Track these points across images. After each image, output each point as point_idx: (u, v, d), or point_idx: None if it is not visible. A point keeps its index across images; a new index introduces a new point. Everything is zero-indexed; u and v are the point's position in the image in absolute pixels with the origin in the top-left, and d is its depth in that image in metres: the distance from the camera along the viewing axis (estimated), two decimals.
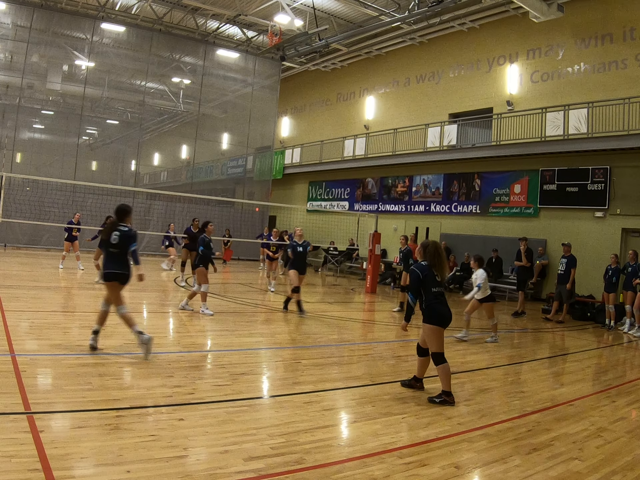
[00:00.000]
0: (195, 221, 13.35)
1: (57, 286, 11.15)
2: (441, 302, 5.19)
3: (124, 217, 6.07)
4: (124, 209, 6.12)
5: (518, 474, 3.58)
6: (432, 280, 5.17)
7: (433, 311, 5.13)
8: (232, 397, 4.71)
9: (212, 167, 26.50)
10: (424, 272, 5.17)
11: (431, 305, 5.14)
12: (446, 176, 18.65)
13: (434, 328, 5.10)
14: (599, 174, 14.14)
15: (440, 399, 5.03)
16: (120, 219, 6.04)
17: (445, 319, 5.17)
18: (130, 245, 5.91)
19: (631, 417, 5.11)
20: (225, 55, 23.82)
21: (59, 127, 22.96)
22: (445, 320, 5.16)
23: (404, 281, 11.49)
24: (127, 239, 5.91)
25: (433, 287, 5.16)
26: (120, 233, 5.93)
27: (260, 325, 8.95)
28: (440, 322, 5.13)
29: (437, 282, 5.21)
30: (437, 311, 5.13)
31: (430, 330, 5.12)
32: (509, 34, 17.19)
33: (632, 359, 8.55)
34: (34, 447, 3.29)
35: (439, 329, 5.12)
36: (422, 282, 5.16)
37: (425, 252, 5.30)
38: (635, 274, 10.71)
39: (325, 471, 3.39)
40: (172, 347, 6.55)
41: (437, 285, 5.21)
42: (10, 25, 19.95)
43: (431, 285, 5.15)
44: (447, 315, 5.19)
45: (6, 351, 5.47)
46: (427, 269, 5.19)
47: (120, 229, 5.96)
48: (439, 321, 5.12)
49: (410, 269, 5.34)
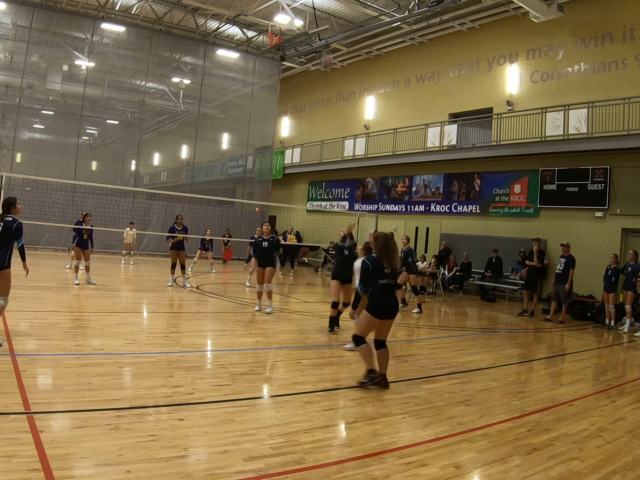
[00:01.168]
0: (179, 219, 12.19)
1: (57, 286, 11.14)
2: (386, 293, 5.35)
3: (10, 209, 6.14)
4: (9, 200, 6.22)
5: (518, 474, 3.58)
6: (380, 272, 5.34)
7: (375, 301, 5.33)
8: (232, 397, 4.71)
9: (212, 167, 26.50)
10: (373, 264, 5.36)
11: (375, 296, 5.34)
12: (446, 176, 18.65)
13: (369, 317, 5.32)
14: (599, 174, 14.14)
15: (366, 379, 5.31)
16: (7, 211, 6.09)
17: (384, 310, 5.32)
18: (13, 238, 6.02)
19: (631, 417, 5.11)
20: (225, 55, 23.82)
21: (59, 127, 22.97)
22: (383, 312, 5.31)
23: (403, 280, 11.47)
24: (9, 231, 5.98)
25: (380, 279, 5.34)
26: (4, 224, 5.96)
27: (260, 325, 8.95)
28: (378, 313, 5.30)
29: (385, 274, 5.37)
30: (378, 302, 5.31)
31: (366, 317, 5.34)
32: (509, 34, 17.19)
33: (632, 359, 8.55)
34: (34, 447, 3.29)
35: (374, 319, 5.31)
36: (370, 273, 5.33)
37: (375, 245, 5.52)
38: (635, 274, 10.71)
39: (325, 471, 3.39)
40: (172, 347, 6.54)
41: (385, 277, 5.37)
42: (10, 25, 19.96)
43: (378, 277, 5.33)
44: (387, 307, 5.34)
45: (6, 351, 5.46)
46: (377, 261, 5.38)
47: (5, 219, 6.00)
48: (376, 312, 5.31)
49: (362, 261, 5.53)
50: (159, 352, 6.18)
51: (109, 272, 14.69)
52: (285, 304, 12.07)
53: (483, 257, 16.14)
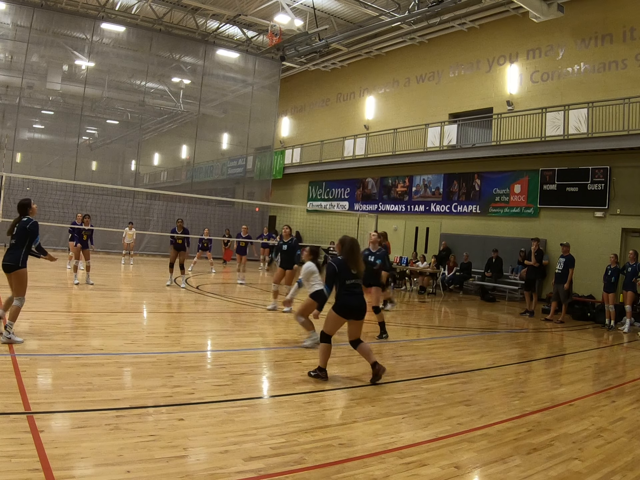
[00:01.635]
0: (179, 222, 12.32)
1: (57, 286, 11.14)
2: (352, 293, 5.55)
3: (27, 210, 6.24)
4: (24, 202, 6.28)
5: (518, 474, 3.58)
6: (347, 273, 5.56)
7: (340, 301, 5.55)
8: (232, 397, 4.71)
9: (212, 167, 26.50)
10: (339, 265, 5.57)
11: (341, 296, 5.55)
12: (446, 176, 18.66)
13: (335, 315, 5.54)
14: (599, 174, 14.14)
15: (315, 373, 5.57)
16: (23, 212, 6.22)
17: (350, 310, 5.53)
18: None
19: (631, 417, 5.11)
20: (225, 55, 23.82)
21: (59, 127, 22.96)
22: (347, 312, 5.52)
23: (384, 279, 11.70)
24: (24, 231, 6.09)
25: (347, 279, 5.55)
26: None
27: (260, 325, 8.95)
28: (342, 312, 5.52)
29: (351, 275, 5.58)
30: (344, 303, 5.53)
31: (332, 316, 5.56)
32: (509, 34, 17.19)
33: (632, 359, 8.55)
34: (34, 447, 3.29)
35: (340, 318, 5.54)
36: (337, 274, 5.55)
37: (341, 248, 5.73)
38: (636, 274, 10.71)
39: (325, 471, 3.39)
40: (172, 347, 6.54)
41: (352, 278, 5.58)
42: (10, 25, 19.97)
43: (345, 278, 5.54)
44: (352, 307, 5.53)
45: (6, 351, 5.47)
46: (343, 263, 5.59)
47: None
48: (341, 311, 5.52)
49: (328, 263, 5.73)
50: (159, 352, 6.18)
51: (109, 272, 14.69)
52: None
53: (483, 257, 16.14)
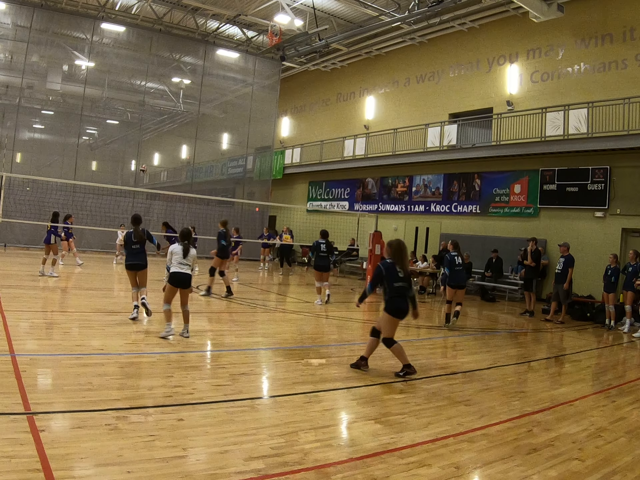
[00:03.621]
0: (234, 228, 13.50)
1: (57, 286, 11.14)
2: (401, 295, 5.79)
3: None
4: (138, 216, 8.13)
5: (518, 474, 3.58)
6: (395, 276, 5.78)
7: (394, 304, 5.79)
8: (232, 397, 4.71)
9: (212, 167, 26.50)
10: (387, 268, 5.80)
11: (392, 299, 5.80)
12: (446, 176, 18.65)
13: (390, 318, 5.80)
14: (599, 174, 14.14)
15: (403, 372, 5.77)
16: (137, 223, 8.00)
17: (403, 312, 5.82)
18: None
19: (631, 417, 5.10)
20: (225, 55, 23.82)
21: (59, 127, 22.95)
22: (401, 313, 5.82)
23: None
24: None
25: (395, 282, 5.78)
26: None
27: (260, 325, 8.95)
28: (398, 314, 5.80)
29: (399, 278, 5.80)
30: (398, 305, 5.79)
31: (388, 318, 5.81)
32: (509, 34, 17.19)
33: (632, 359, 8.55)
34: (34, 447, 3.29)
35: (396, 320, 5.82)
36: (383, 277, 5.79)
37: (390, 251, 5.93)
38: (636, 274, 10.70)
39: (325, 471, 3.39)
40: (172, 347, 6.54)
41: (400, 280, 5.81)
42: (10, 25, 19.96)
43: (393, 281, 5.77)
44: (405, 310, 5.83)
45: (6, 351, 5.46)
46: (391, 265, 5.81)
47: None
48: (397, 314, 5.79)
49: (376, 265, 6.05)
50: (159, 352, 6.18)
51: (109, 272, 14.68)
52: (285, 304, 12.08)
53: (483, 257, 16.12)
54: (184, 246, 6.98)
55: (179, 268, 6.91)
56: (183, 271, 6.90)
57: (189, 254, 6.96)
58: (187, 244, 7.02)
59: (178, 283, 6.88)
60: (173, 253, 7.02)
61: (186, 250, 6.96)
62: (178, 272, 6.87)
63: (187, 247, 6.99)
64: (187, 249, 6.97)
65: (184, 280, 6.92)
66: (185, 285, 6.95)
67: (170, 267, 7.09)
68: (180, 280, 6.88)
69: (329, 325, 9.39)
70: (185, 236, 7.14)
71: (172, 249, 7.10)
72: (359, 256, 20.15)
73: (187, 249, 6.97)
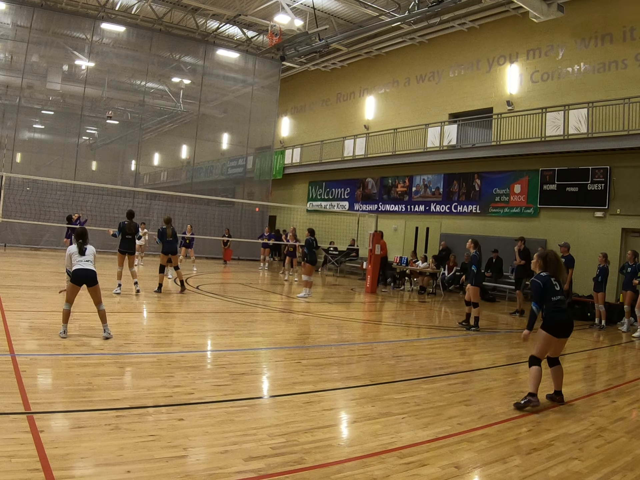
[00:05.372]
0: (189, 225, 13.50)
1: (57, 286, 11.12)
2: (559, 309, 5.23)
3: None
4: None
5: (518, 474, 3.58)
6: (552, 290, 5.25)
7: (552, 320, 5.20)
8: (232, 397, 4.71)
9: (212, 167, 26.50)
10: (545, 282, 5.25)
11: (550, 314, 5.23)
12: (446, 176, 18.65)
13: (547, 335, 5.21)
14: (599, 174, 14.13)
15: (525, 400, 5.06)
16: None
17: (563, 328, 5.22)
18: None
19: (631, 417, 5.11)
20: (225, 55, 23.82)
21: (59, 127, 22.96)
22: (560, 330, 5.21)
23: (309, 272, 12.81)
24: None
25: (552, 296, 5.23)
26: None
27: (260, 325, 8.95)
28: (556, 332, 5.20)
29: (556, 291, 5.26)
30: (557, 321, 5.20)
31: (544, 336, 5.22)
32: (509, 34, 17.19)
33: (631, 359, 8.55)
34: (34, 447, 3.29)
35: (552, 338, 5.20)
36: (544, 291, 5.23)
37: (546, 263, 5.38)
38: (635, 274, 10.71)
39: (325, 471, 3.39)
40: (172, 347, 6.54)
41: (557, 294, 5.26)
42: (10, 25, 19.96)
43: (551, 295, 5.23)
44: (564, 325, 5.22)
45: (6, 351, 5.46)
46: (548, 279, 5.27)
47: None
48: (555, 330, 5.20)
49: (532, 280, 5.43)
50: (159, 352, 6.18)
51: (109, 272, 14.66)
52: (284, 303, 12.08)
53: (483, 257, 16.08)
54: (79, 245, 6.66)
55: (81, 265, 6.51)
56: (85, 267, 6.50)
57: (87, 252, 6.64)
58: (81, 243, 6.69)
59: (81, 280, 6.48)
60: (71, 253, 6.69)
61: (81, 249, 6.63)
62: (80, 269, 6.47)
63: (81, 246, 6.65)
64: (81, 248, 6.64)
65: (88, 277, 6.50)
66: (90, 282, 6.53)
67: (72, 267, 6.68)
68: (83, 277, 6.47)
69: (329, 325, 9.39)
70: (80, 235, 6.79)
71: (69, 250, 6.80)
72: (359, 256, 20.14)
73: (81, 248, 6.64)
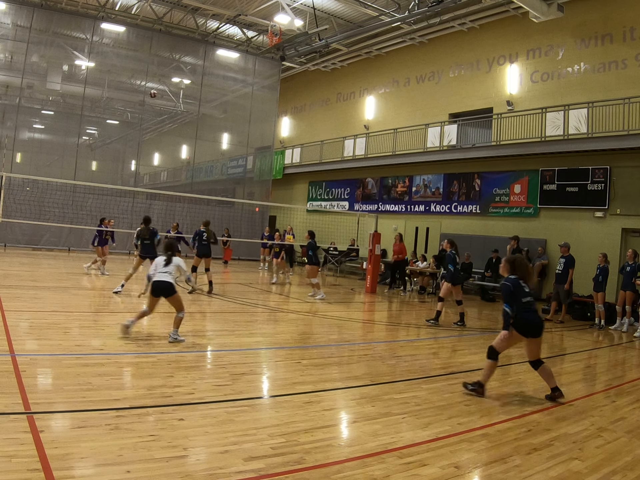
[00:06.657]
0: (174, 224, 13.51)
1: (57, 286, 11.14)
2: (529, 310, 5.42)
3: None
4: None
5: (518, 474, 3.58)
6: (522, 291, 5.45)
7: (520, 319, 5.39)
8: (232, 397, 4.70)
9: (212, 167, 26.50)
10: (515, 284, 5.45)
11: (519, 314, 5.40)
12: (446, 176, 18.65)
13: (513, 332, 5.38)
14: (599, 174, 14.14)
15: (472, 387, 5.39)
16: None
17: (531, 328, 5.38)
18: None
19: (631, 417, 5.10)
20: (225, 55, 23.83)
21: (59, 127, 22.96)
22: (528, 330, 5.38)
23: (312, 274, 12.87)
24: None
25: (522, 297, 5.42)
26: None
27: (260, 325, 8.95)
28: (524, 331, 5.37)
29: (526, 293, 5.46)
30: (524, 320, 5.38)
31: (513, 334, 5.39)
32: (509, 34, 17.19)
33: (631, 359, 8.55)
34: (34, 447, 3.29)
35: (517, 335, 5.37)
36: (513, 293, 5.41)
37: (515, 267, 5.58)
38: (634, 274, 10.70)
39: (325, 471, 3.39)
40: (172, 347, 6.54)
41: (526, 295, 5.46)
42: (10, 25, 19.96)
43: (521, 296, 5.42)
44: (533, 324, 5.40)
45: (6, 351, 5.46)
46: (517, 281, 5.48)
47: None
48: (523, 329, 5.37)
49: (502, 282, 5.63)
50: (159, 352, 6.18)
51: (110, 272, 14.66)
52: (284, 304, 12.08)
53: (483, 257, 16.12)
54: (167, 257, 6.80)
55: (158, 277, 6.69)
56: (161, 279, 6.66)
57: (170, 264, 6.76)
58: (170, 255, 6.83)
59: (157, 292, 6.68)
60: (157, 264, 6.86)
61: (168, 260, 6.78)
62: (156, 281, 6.67)
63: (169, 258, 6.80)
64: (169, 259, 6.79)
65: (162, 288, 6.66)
66: (166, 293, 6.69)
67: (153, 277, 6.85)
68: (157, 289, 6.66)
69: (329, 325, 9.39)
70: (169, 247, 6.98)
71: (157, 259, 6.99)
72: (359, 256, 20.14)
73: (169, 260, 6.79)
